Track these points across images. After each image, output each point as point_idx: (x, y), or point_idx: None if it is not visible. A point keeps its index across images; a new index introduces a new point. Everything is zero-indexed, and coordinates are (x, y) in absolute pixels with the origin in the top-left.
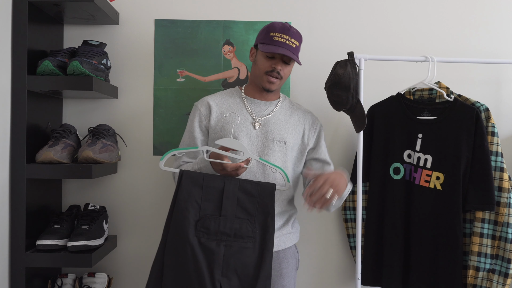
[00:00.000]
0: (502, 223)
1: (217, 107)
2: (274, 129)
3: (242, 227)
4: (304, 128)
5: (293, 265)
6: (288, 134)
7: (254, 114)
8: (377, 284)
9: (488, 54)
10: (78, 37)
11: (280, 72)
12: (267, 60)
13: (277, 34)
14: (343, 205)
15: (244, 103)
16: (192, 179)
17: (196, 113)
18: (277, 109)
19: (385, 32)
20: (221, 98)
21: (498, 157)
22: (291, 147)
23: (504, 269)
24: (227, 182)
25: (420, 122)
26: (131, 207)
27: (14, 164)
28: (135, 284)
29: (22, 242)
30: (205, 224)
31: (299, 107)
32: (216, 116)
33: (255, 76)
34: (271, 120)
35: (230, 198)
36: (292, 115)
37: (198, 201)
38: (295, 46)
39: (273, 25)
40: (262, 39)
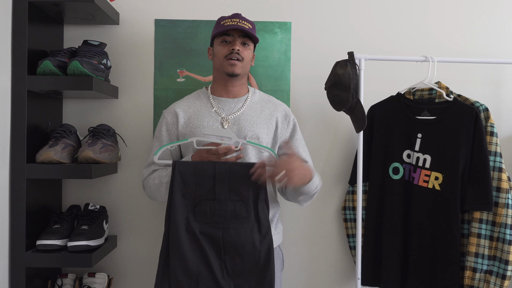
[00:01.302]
0: (500, 223)
1: (184, 113)
2: (245, 126)
3: (236, 209)
4: (277, 122)
5: (278, 266)
6: (260, 129)
7: (222, 113)
8: (376, 284)
9: (488, 54)
10: (78, 37)
11: (240, 53)
12: (224, 46)
13: (227, 20)
14: (342, 205)
15: (212, 103)
16: (184, 168)
17: (163, 122)
18: (247, 104)
19: (385, 32)
20: (187, 103)
21: (496, 157)
22: (266, 142)
23: (502, 270)
24: (218, 166)
25: (419, 122)
26: (131, 207)
27: (14, 164)
28: (135, 284)
29: (22, 242)
30: (202, 209)
31: (270, 99)
32: (184, 122)
33: (217, 68)
34: (241, 118)
35: (222, 182)
36: (263, 110)
37: (193, 188)
38: (248, 27)
39: (222, 16)
40: (214, 31)
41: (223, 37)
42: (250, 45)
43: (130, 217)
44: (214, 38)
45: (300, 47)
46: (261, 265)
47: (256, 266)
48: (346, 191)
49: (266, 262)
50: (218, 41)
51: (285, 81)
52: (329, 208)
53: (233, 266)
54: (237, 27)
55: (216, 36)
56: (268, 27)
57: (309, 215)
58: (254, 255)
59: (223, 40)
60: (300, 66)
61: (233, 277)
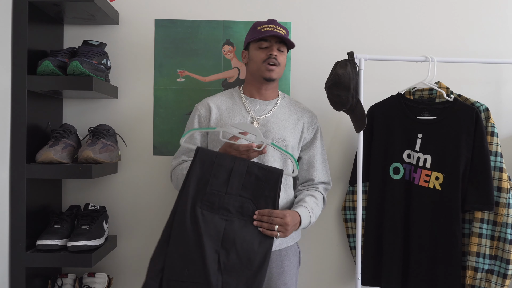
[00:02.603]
0: (501, 223)
1: (217, 109)
2: (273, 128)
3: (244, 206)
4: (303, 127)
5: (294, 263)
6: (287, 133)
7: (253, 113)
8: (377, 284)
9: (488, 54)
10: (78, 37)
11: (277, 58)
12: (262, 51)
13: (264, 26)
14: (343, 205)
15: (243, 103)
16: (206, 155)
17: (196, 115)
18: (276, 107)
19: (385, 32)
20: (220, 100)
21: (497, 157)
22: (292, 146)
23: (503, 269)
24: (237, 162)
25: (420, 122)
26: (131, 207)
27: (14, 164)
28: (135, 284)
29: (22, 242)
30: (211, 199)
31: (298, 105)
32: (216, 117)
33: (253, 72)
34: (270, 120)
35: (237, 178)
36: (291, 114)
37: (208, 176)
38: (284, 33)
39: (258, 22)
40: (251, 36)
41: (260, 43)
42: (285, 50)
43: (130, 217)
44: (249, 42)
45: (300, 47)
46: (255, 268)
47: (249, 267)
48: (346, 191)
49: (260, 266)
50: (255, 46)
51: (285, 81)
52: (329, 208)
53: (226, 262)
54: (275, 34)
55: (253, 41)
56: None
57: None
58: (250, 256)
59: (260, 46)
60: (300, 66)
61: (223, 273)
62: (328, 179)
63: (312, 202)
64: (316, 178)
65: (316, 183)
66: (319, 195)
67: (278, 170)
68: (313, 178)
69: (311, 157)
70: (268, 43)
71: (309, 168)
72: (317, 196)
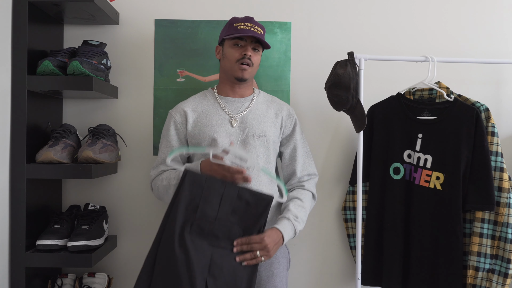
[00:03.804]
0: (502, 223)
1: (192, 112)
2: (252, 124)
3: (231, 231)
4: (282, 120)
5: (284, 265)
6: (267, 127)
7: (230, 112)
8: (377, 284)
9: (488, 54)
10: (78, 37)
11: (251, 58)
12: (236, 49)
13: (241, 23)
14: (343, 205)
15: (219, 102)
16: (194, 179)
17: (171, 122)
18: (253, 104)
19: (385, 32)
20: (194, 102)
21: (498, 157)
22: (273, 140)
23: (504, 269)
24: (228, 186)
25: (420, 122)
26: (131, 207)
27: (14, 164)
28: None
29: (22, 242)
30: (201, 224)
31: (274, 99)
32: (193, 121)
33: (226, 70)
34: (248, 116)
35: (227, 202)
36: (268, 109)
37: (197, 201)
38: (260, 33)
39: (235, 18)
40: (226, 32)
41: (236, 41)
42: (260, 50)
43: (130, 217)
44: (224, 38)
45: (300, 47)
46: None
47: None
48: (346, 191)
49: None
50: (230, 43)
51: (285, 81)
52: (329, 208)
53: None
54: (251, 33)
55: (228, 38)
56: (268, 27)
57: (309, 215)
58: (236, 281)
59: (235, 43)
60: (300, 66)
61: None
62: (313, 170)
63: (295, 208)
64: (298, 172)
65: (299, 176)
66: (304, 195)
67: (268, 197)
68: (295, 171)
69: (293, 150)
70: (244, 42)
71: (291, 162)
72: (303, 197)
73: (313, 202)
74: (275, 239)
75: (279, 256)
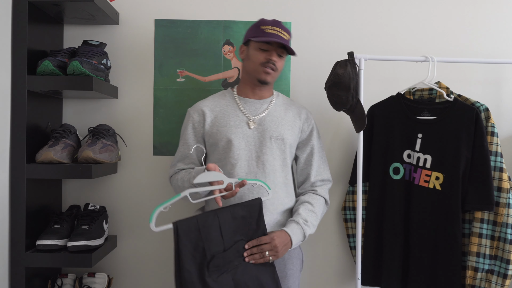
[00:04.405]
0: (501, 223)
1: (211, 112)
2: (270, 127)
3: (239, 248)
4: (300, 124)
5: (297, 266)
6: (285, 130)
7: (248, 113)
8: (377, 284)
9: (488, 54)
10: (78, 37)
11: (275, 64)
12: (261, 53)
13: (269, 27)
14: (343, 205)
15: (237, 103)
16: (187, 226)
17: (189, 121)
18: (272, 106)
19: (385, 32)
20: (213, 102)
21: (497, 157)
22: (290, 144)
23: (503, 269)
24: (220, 214)
25: (420, 122)
26: (131, 207)
27: (14, 164)
28: (135, 284)
29: (22, 242)
30: (215, 263)
31: (293, 103)
32: (211, 121)
33: (249, 72)
34: (266, 118)
35: (227, 229)
36: (287, 112)
37: (201, 244)
38: (287, 38)
39: (263, 20)
40: (253, 34)
41: (261, 44)
42: (284, 55)
43: (130, 217)
44: (250, 39)
45: (300, 47)
46: None
47: None
48: (346, 191)
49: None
50: (256, 45)
51: (285, 81)
52: (329, 208)
53: None
54: (278, 39)
55: (254, 40)
56: None
57: None
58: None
59: (261, 47)
60: (300, 66)
61: None
62: (327, 176)
63: (305, 212)
64: (312, 176)
65: (313, 181)
66: (316, 200)
67: (256, 200)
68: (310, 176)
69: (309, 154)
70: (270, 46)
71: (306, 166)
72: (314, 202)
73: (326, 208)
74: (283, 241)
75: (293, 257)
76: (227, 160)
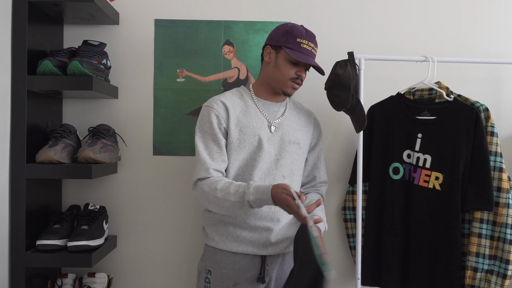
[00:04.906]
0: (501, 223)
1: (233, 109)
2: (288, 131)
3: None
4: (312, 129)
5: None
6: (300, 135)
7: (267, 116)
8: (376, 284)
9: (488, 54)
10: (78, 37)
11: (303, 79)
12: (292, 67)
13: (304, 42)
14: (342, 205)
15: (256, 104)
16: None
17: (213, 114)
18: (287, 110)
19: (385, 32)
20: (232, 99)
21: (497, 157)
22: (305, 148)
23: (503, 270)
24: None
25: (419, 122)
26: (131, 207)
27: (14, 164)
28: (135, 284)
29: (22, 242)
30: None
31: (301, 106)
32: (235, 117)
33: (275, 80)
34: (284, 122)
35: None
36: (299, 116)
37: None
38: (316, 53)
39: (298, 30)
40: (288, 44)
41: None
42: (308, 70)
43: (130, 217)
44: (282, 46)
45: None
46: None
47: None
48: (346, 191)
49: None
50: (288, 57)
51: None
52: (329, 208)
53: None
54: (313, 63)
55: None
56: (268, 27)
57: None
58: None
59: (293, 60)
60: None
61: None
62: (326, 178)
63: (319, 210)
64: (318, 178)
65: (317, 182)
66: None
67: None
68: (316, 177)
69: (316, 158)
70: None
71: (313, 169)
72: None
73: None
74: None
75: None
76: (253, 161)
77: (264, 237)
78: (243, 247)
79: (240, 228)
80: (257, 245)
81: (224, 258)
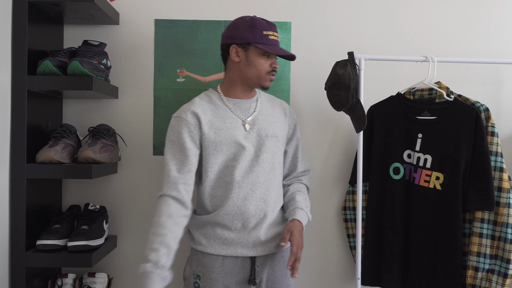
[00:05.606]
0: (502, 223)
1: (203, 114)
2: (264, 125)
3: None
4: (287, 120)
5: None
6: (277, 127)
7: (240, 115)
8: (377, 284)
9: (488, 54)
10: (78, 37)
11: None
12: (266, 60)
13: (270, 32)
14: (343, 205)
15: (227, 105)
16: None
17: (183, 124)
18: (259, 104)
19: (385, 32)
20: (201, 105)
21: (497, 157)
22: (283, 140)
23: (503, 269)
24: None
25: (420, 122)
26: (131, 207)
27: (14, 164)
28: (135, 284)
29: (22, 242)
30: None
31: (272, 97)
32: (207, 121)
33: (250, 77)
34: (258, 117)
35: None
36: (273, 108)
37: None
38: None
39: (260, 23)
40: (257, 39)
41: (263, 51)
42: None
43: (130, 217)
44: (251, 43)
45: (300, 47)
46: None
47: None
48: (346, 191)
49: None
50: (258, 51)
51: (285, 81)
52: (329, 208)
53: None
54: (285, 53)
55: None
56: None
57: None
58: None
59: (264, 53)
60: (300, 66)
61: None
62: (307, 166)
63: (302, 200)
64: (299, 168)
65: (299, 172)
66: (304, 188)
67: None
68: (297, 168)
69: (295, 148)
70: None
71: (293, 159)
72: (303, 190)
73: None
74: (301, 231)
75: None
76: (233, 161)
77: (253, 235)
78: (232, 249)
79: (228, 230)
80: (246, 246)
81: (213, 262)
